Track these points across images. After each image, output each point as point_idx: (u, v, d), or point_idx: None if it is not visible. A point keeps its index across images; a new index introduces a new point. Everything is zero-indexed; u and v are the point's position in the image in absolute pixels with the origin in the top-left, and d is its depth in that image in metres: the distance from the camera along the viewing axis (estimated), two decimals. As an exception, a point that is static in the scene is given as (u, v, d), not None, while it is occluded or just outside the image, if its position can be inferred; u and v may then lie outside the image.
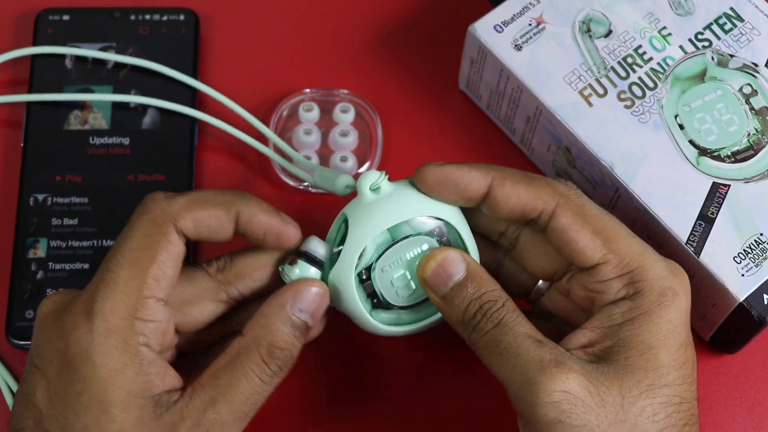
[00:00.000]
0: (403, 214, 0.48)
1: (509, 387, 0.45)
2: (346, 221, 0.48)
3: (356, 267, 0.48)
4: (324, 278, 0.48)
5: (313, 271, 0.48)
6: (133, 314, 0.44)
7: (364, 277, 0.49)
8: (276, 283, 0.49)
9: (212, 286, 0.49)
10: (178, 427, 0.44)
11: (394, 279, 0.49)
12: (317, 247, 0.48)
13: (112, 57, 0.62)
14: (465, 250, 0.49)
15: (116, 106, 0.61)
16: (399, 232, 0.48)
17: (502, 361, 0.45)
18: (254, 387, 0.45)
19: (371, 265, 0.48)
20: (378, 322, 0.49)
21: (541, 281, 0.51)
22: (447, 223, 0.49)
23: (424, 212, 0.48)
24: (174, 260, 0.46)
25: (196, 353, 0.50)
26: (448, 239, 0.49)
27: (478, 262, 0.49)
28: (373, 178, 0.48)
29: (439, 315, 0.49)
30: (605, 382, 0.44)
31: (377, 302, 0.49)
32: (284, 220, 0.48)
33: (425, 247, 0.48)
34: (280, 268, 0.48)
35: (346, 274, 0.48)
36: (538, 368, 0.44)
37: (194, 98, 0.62)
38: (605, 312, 0.46)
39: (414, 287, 0.49)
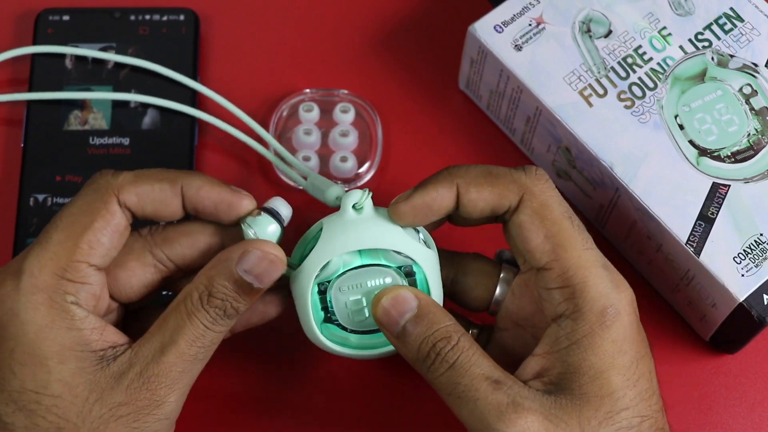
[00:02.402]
0: (373, 242, 0.48)
1: (470, 430, 0.45)
2: (321, 230, 0.48)
3: (317, 276, 0.48)
4: (280, 242, 0.48)
5: (273, 228, 0.47)
6: (60, 274, 0.45)
7: (322, 288, 0.48)
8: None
9: (138, 246, 0.48)
10: (126, 375, 0.44)
11: (349, 302, 0.48)
12: (281, 206, 0.48)
13: (111, 57, 0.62)
14: (427, 290, 0.48)
15: (116, 106, 0.61)
16: (370, 257, 0.48)
17: (460, 405, 0.45)
18: (199, 330, 0.45)
19: (330, 283, 0.48)
20: (324, 337, 0.49)
21: (498, 291, 0.50)
22: (416, 265, 0.48)
23: (395, 247, 0.48)
24: (112, 230, 0.46)
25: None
26: (414, 279, 0.49)
27: (441, 303, 0.48)
28: (356, 197, 0.48)
29: (390, 347, 0.49)
30: (564, 417, 0.44)
31: (329, 318, 0.49)
32: (235, 190, 0.48)
33: (388, 280, 0.48)
34: (241, 222, 0.48)
35: (305, 280, 0.48)
36: (496, 415, 0.44)
37: (194, 98, 0.62)
38: (551, 334, 0.46)
39: (367, 315, 0.48)
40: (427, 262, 0.49)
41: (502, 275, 0.51)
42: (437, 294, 0.49)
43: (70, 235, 0.45)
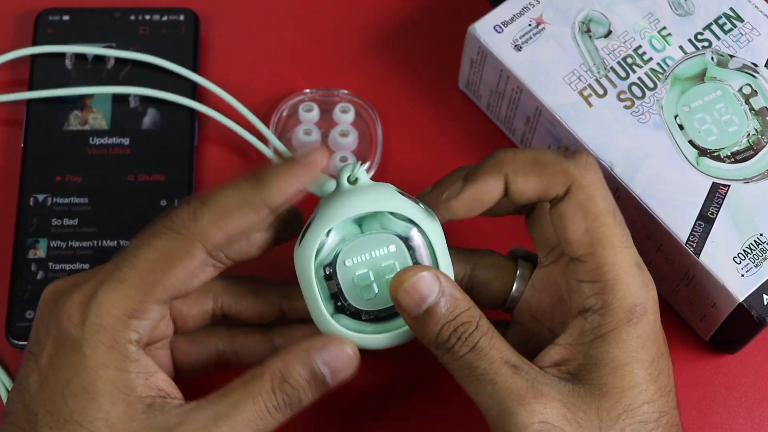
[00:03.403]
0: (371, 206, 0.47)
1: (487, 414, 0.45)
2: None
3: (318, 253, 0.47)
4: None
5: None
6: (129, 315, 0.44)
7: (328, 272, 0.47)
8: (264, 250, 0.48)
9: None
10: (173, 431, 0.44)
11: (356, 277, 0.47)
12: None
13: (112, 53, 0.62)
14: (435, 261, 0.48)
15: (116, 106, 0.61)
16: (369, 227, 0.47)
17: (478, 387, 0.45)
18: (259, 412, 0.44)
19: (334, 261, 0.47)
20: (336, 323, 0.47)
21: (515, 286, 0.50)
22: (421, 230, 0.48)
23: (397, 209, 0.47)
24: (192, 276, 0.45)
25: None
26: (419, 249, 0.48)
27: (452, 276, 0.48)
28: (348, 170, 0.48)
29: (406, 331, 0.48)
30: (582, 407, 0.44)
31: (340, 306, 0.48)
32: (305, 163, 0.46)
33: (392, 248, 0.47)
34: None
35: (307, 256, 0.46)
36: (515, 399, 0.43)
37: (194, 95, 0.62)
38: (576, 327, 0.46)
39: (377, 290, 0.47)
40: (431, 227, 0.48)
41: (519, 271, 0.50)
42: (445, 262, 0.48)
43: (146, 279, 0.44)
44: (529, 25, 0.58)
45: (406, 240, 0.47)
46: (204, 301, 0.50)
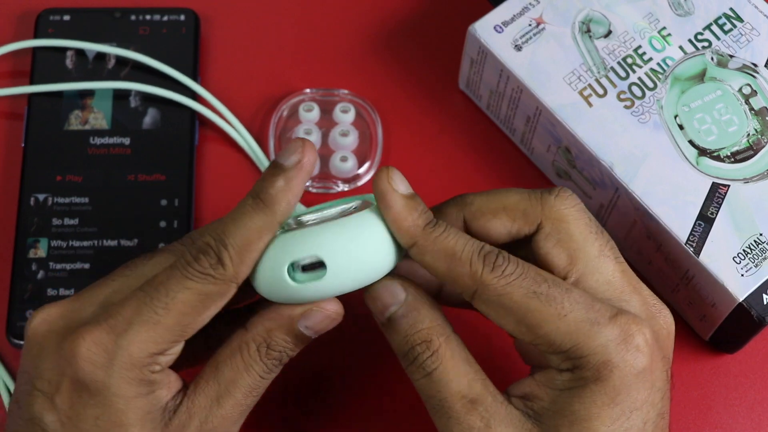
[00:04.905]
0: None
1: None
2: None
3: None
4: None
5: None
6: (159, 353, 0.44)
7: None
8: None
9: None
10: (187, 429, 0.44)
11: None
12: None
13: (112, 50, 0.62)
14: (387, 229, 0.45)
15: (117, 106, 0.61)
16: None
17: (434, 414, 0.44)
18: (255, 380, 0.45)
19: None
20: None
21: None
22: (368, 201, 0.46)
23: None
24: (219, 311, 0.45)
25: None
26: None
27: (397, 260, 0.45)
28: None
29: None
30: None
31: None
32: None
33: (349, 204, 0.46)
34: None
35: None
36: None
37: (194, 96, 0.62)
38: (552, 373, 0.45)
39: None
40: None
41: None
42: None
43: (181, 322, 0.44)
44: (529, 25, 0.58)
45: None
46: None
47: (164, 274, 0.44)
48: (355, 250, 0.44)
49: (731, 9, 0.58)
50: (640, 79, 0.57)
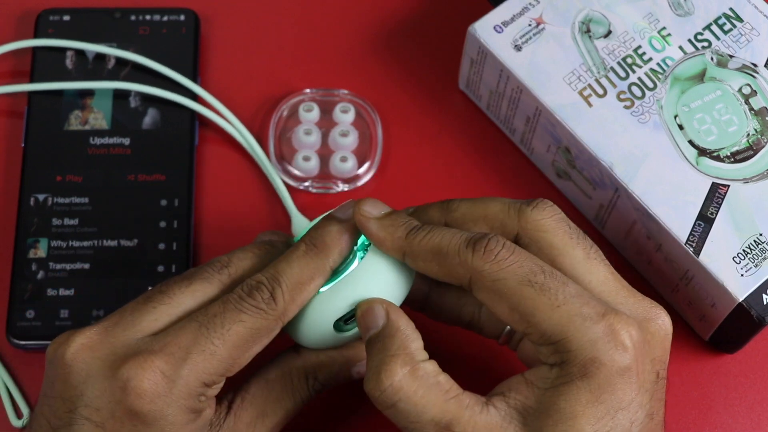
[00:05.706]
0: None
1: None
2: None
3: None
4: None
5: None
6: (209, 383, 0.45)
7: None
8: None
9: None
10: None
11: None
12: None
13: (112, 52, 0.62)
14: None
15: (116, 106, 0.61)
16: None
17: None
18: (297, 405, 0.48)
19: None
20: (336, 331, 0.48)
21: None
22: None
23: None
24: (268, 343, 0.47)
25: None
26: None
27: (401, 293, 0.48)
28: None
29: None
30: None
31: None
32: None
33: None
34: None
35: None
36: None
37: (194, 96, 0.62)
38: (542, 370, 0.45)
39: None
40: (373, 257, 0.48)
41: None
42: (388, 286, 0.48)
43: (233, 355, 0.45)
44: (529, 25, 0.58)
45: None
46: None
47: (218, 306, 0.45)
48: (378, 289, 0.47)
49: (731, 9, 0.58)
50: (639, 79, 0.57)
